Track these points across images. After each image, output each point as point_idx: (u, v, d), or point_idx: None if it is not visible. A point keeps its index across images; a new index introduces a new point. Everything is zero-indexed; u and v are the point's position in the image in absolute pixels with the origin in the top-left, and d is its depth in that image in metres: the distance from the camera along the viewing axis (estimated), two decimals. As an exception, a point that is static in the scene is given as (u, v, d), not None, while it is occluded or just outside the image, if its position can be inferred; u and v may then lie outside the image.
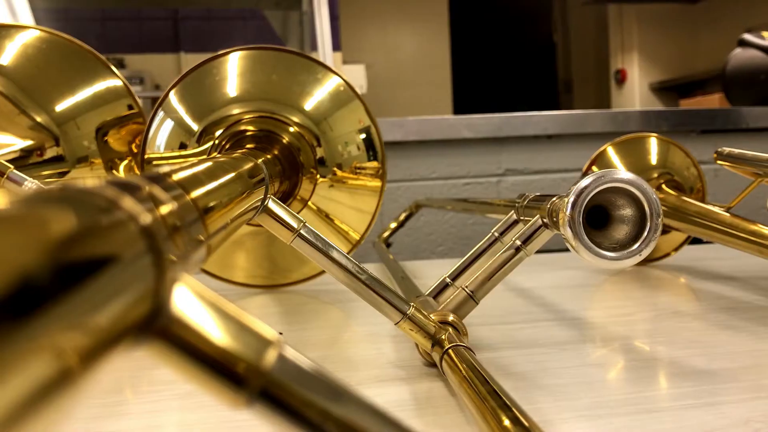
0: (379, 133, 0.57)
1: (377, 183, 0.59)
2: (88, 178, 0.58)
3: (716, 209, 0.57)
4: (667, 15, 3.81)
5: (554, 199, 0.37)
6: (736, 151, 0.58)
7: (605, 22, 4.07)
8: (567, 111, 1.28)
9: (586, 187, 0.35)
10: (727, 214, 0.56)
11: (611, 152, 0.77)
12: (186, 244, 0.18)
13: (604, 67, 4.15)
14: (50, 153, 0.56)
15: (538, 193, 0.41)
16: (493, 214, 0.52)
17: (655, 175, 0.72)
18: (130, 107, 0.61)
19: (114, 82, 0.61)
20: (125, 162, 0.61)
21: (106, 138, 0.60)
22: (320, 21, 1.44)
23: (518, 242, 0.39)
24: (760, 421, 0.30)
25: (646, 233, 0.35)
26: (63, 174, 0.57)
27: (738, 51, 1.70)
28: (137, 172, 0.61)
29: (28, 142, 0.55)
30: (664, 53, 3.85)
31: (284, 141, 0.54)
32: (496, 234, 0.44)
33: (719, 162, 0.60)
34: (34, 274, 0.09)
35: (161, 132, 0.54)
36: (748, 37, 1.70)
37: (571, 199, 0.35)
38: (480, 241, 0.44)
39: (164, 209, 0.17)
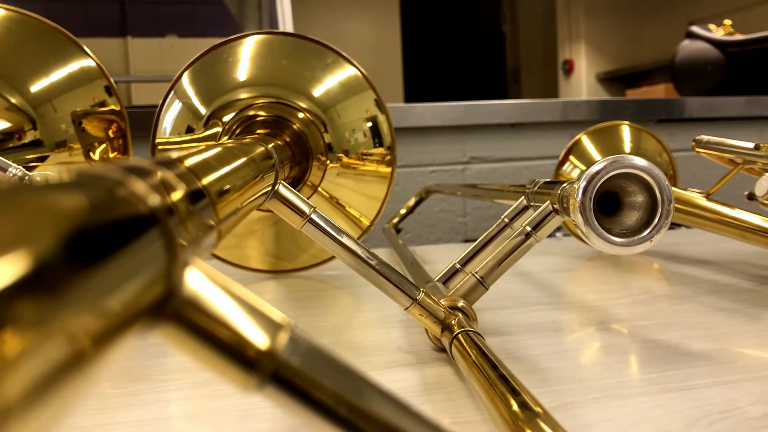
0: (389, 119, 0.56)
1: (387, 169, 0.58)
2: (68, 163, 0.56)
3: (696, 195, 0.59)
4: (614, 6, 3.90)
5: (565, 184, 0.37)
6: (715, 139, 0.59)
7: (553, 13, 4.14)
8: (530, 100, 1.29)
9: (597, 173, 0.35)
10: (706, 200, 0.58)
11: (586, 141, 0.78)
12: (197, 228, 0.18)
13: (551, 57, 4.22)
14: (29, 137, 0.54)
15: (548, 179, 0.42)
16: (502, 199, 0.52)
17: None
18: (107, 89, 0.59)
19: (87, 63, 0.58)
20: (102, 146, 0.59)
21: (83, 122, 0.57)
22: (281, 5, 1.42)
23: (528, 228, 0.39)
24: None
25: (657, 219, 0.35)
26: (43, 158, 0.54)
27: (686, 43, 1.74)
28: (111, 155, 0.59)
29: (6, 125, 0.52)
30: (610, 44, 3.93)
31: (295, 127, 0.53)
32: (506, 220, 0.44)
33: (698, 150, 0.61)
34: (47, 257, 0.09)
35: (169, 115, 0.53)
36: (696, 29, 1.74)
37: (583, 184, 0.35)
38: (444, 229, 0.45)
39: (175, 194, 0.17)
